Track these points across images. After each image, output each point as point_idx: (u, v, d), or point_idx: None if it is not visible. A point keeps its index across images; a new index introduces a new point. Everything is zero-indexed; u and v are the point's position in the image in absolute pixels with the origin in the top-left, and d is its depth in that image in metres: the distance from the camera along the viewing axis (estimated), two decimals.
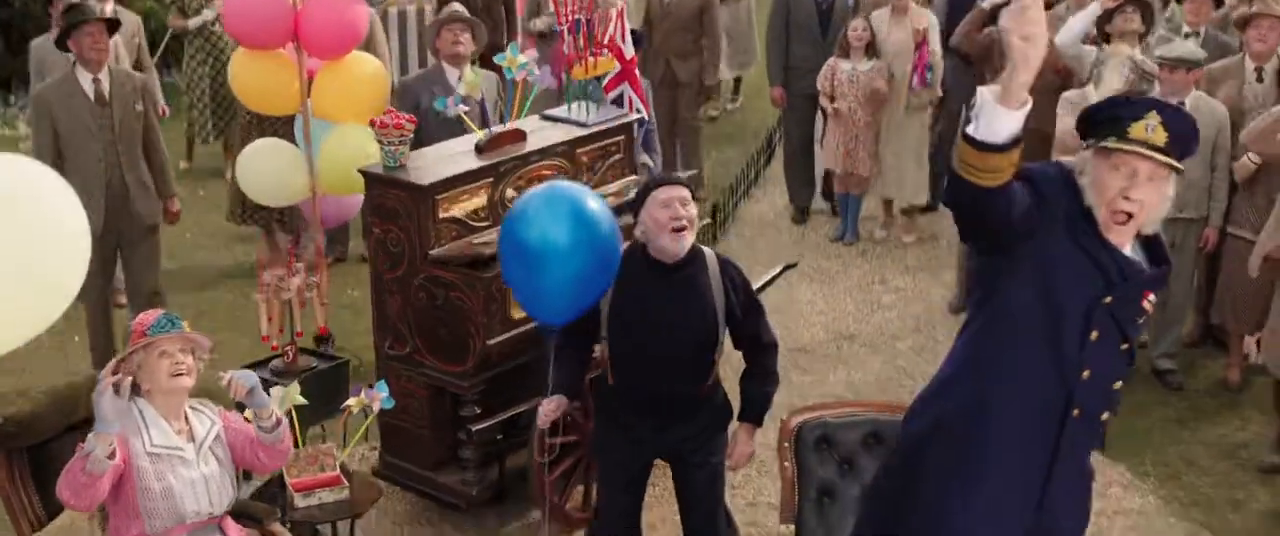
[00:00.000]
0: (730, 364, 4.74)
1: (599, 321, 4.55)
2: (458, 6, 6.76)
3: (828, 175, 9.04)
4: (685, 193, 4.45)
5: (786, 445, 4.38)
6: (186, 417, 4.14)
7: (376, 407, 4.78)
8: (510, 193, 5.40)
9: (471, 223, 5.28)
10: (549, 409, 4.55)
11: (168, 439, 4.06)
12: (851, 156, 8.56)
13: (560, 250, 4.23)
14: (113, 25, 6.29)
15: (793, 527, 4.34)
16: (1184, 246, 6.64)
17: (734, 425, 4.64)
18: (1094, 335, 3.47)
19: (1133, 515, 5.80)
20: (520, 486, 5.48)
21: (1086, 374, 3.50)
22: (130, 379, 4.00)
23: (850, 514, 4.30)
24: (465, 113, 5.35)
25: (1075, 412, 3.54)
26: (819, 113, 8.79)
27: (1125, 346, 3.57)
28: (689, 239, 4.43)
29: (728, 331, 4.59)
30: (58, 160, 6.08)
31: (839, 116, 8.44)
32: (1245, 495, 5.93)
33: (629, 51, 6.21)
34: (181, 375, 4.07)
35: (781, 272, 6.80)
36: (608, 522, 4.74)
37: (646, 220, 4.44)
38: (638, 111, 6.19)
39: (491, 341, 5.13)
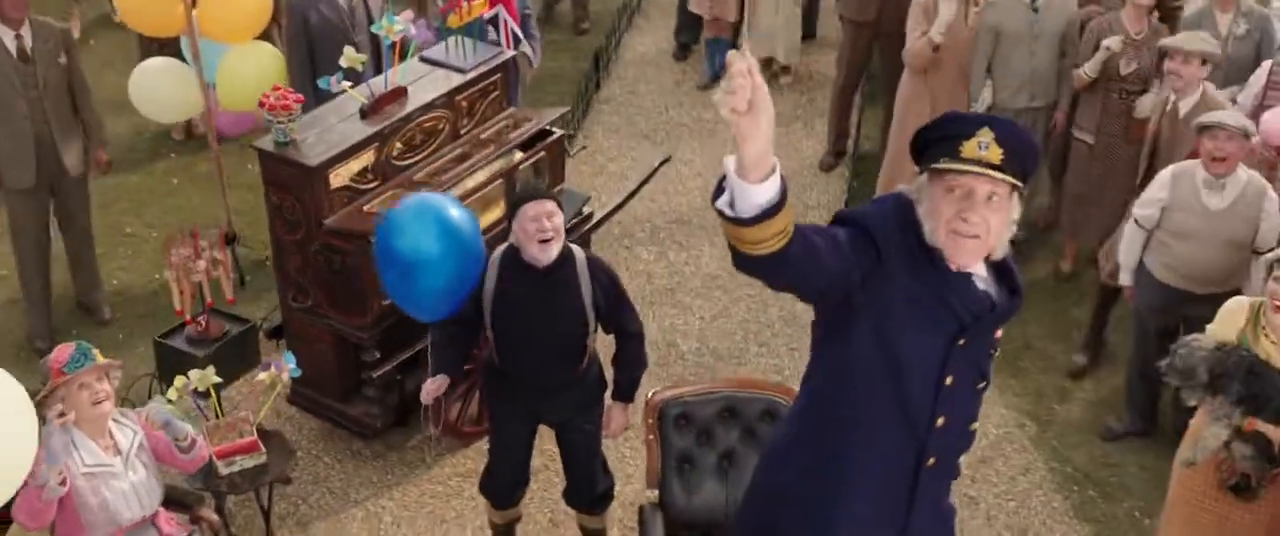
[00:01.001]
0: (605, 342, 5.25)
1: (480, 311, 5.02)
2: None
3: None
4: (551, 206, 4.84)
5: (651, 421, 4.97)
6: (111, 433, 4.60)
7: (285, 378, 5.27)
8: (397, 148, 5.75)
9: (361, 186, 5.64)
10: (431, 388, 5.06)
11: (97, 458, 4.53)
12: (719, 1, 8.83)
13: (430, 259, 4.66)
14: None
15: (657, 491, 4.98)
16: (1035, 131, 7.16)
17: (609, 401, 5.20)
18: (949, 381, 3.33)
19: None
20: (419, 406, 6.05)
21: (941, 421, 3.38)
22: (72, 415, 4.43)
23: (707, 478, 4.95)
24: (349, 87, 5.61)
25: (930, 462, 3.43)
26: None
27: (982, 385, 3.46)
28: (555, 248, 4.86)
29: (597, 322, 5.08)
30: None
31: None
32: (1072, 384, 6.67)
33: None
34: (101, 401, 4.51)
35: (657, 169, 7.20)
36: (499, 475, 5.35)
37: (517, 231, 4.86)
38: (513, 33, 6.46)
39: (386, 300, 5.59)
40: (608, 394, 5.21)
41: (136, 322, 7.00)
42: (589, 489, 5.32)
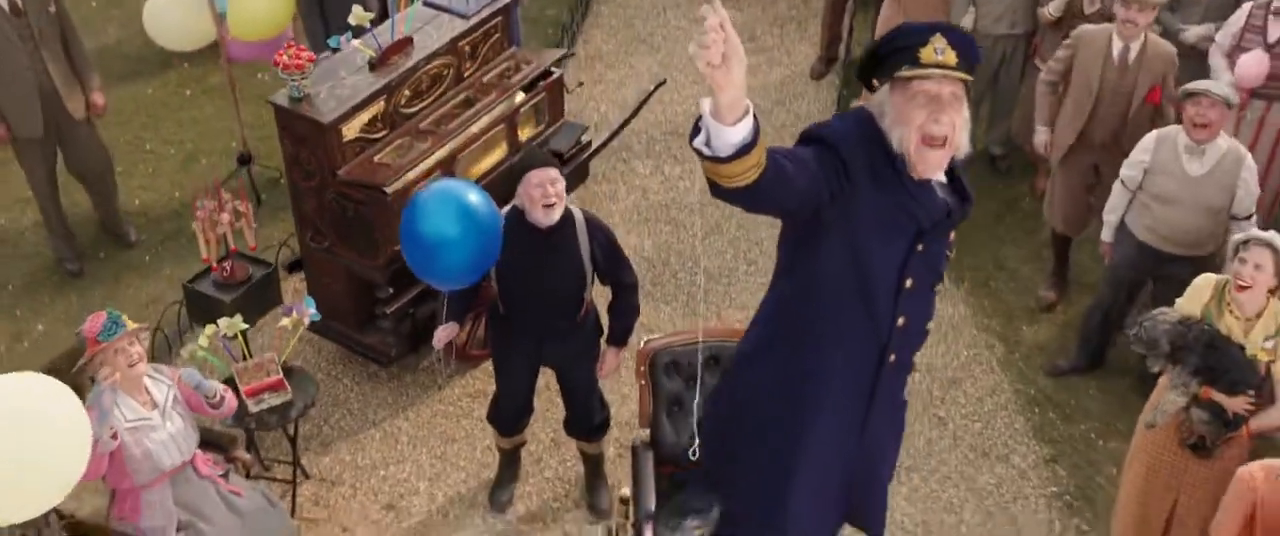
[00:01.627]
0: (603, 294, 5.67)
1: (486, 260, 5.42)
2: None
3: None
4: (554, 173, 5.21)
5: (643, 368, 5.41)
6: (147, 389, 5.05)
7: (306, 321, 5.70)
8: (404, 96, 6.08)
9: (371, 136, 5.98)
10: (443, 334, 5.54)
11: (137, 413, 4.98)
12: None
13: (450, 241, 5.05)
14: None
15: (649, 431, 5.45)
16: (1014, 56, 7.48)
17: (603, 345, 5.64)
18: (908, 284, 3.63)
19: (944, 326, 6.96)
20: (430, 332, 6.50)
21: (901, 321, 3.69)
22: (118, 375, 4.88)
23: (693, 418, 5.42)
24: (359, 44, 5.90)
25: (891, 359, 3.78)
26: None
27: (937, 286, 3.76)
28: (557, 212, 5.24)
29: (595, 276, 5.49)
30: None
31: None
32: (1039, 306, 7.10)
33: None
34: (135, 363, 4.94)
35: (651, 94, 7.50)
36: (504, 408, 5.82)
37: (522, 195, 5.23)
38: None
39: (397, 242, 5.98)
40: (603, 338, 5.65)
41: (162, 244, 7.41)
42: (587, 420, 5.81)
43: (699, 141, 3.08)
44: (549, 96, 6.54)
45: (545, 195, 5.18)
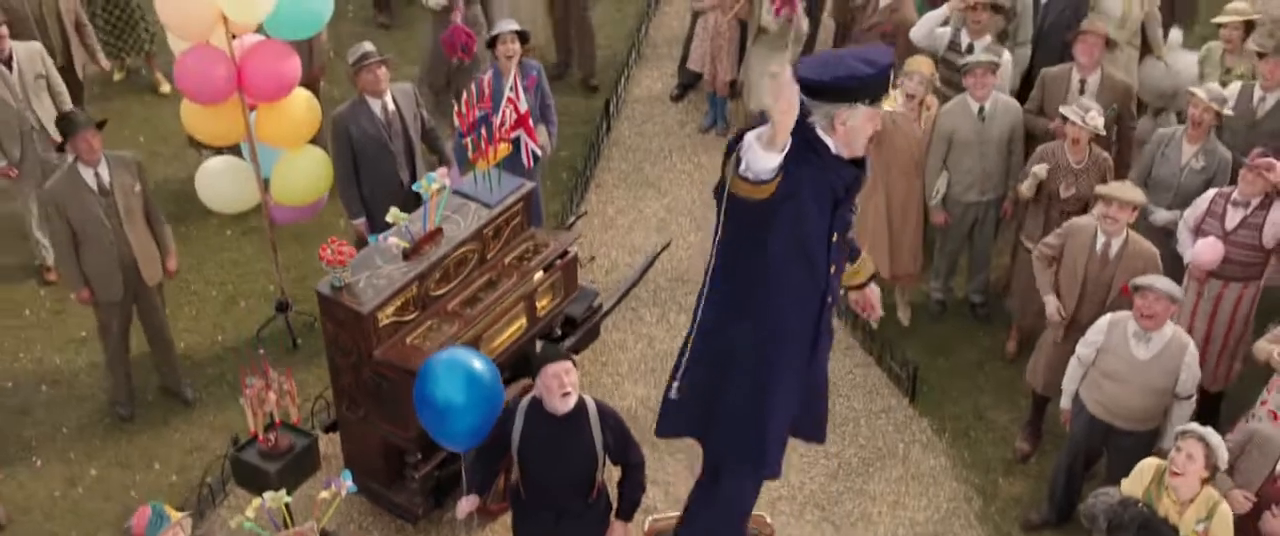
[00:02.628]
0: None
1: (508, 442, 6.04)
2: (368, 45, 7.67)
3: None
4: (568, 366, 5.85)
5: None
6: None
7: (343, 494, 6.31)
8: (434, 278, 6.72)
9: (403, 319, 6.61)
10: (465, 506, 6.13)
11: None
12: (717, 62, 9.66)
13: (457, 406, 5.71)
14: (101, 125, 7.17)
15: None
16: (986, 218, 8.12)
17: (613, 518, 6.24)
18: (835, 238, 4.81)
19: (925, 478, 7.56)
20: (455, 486, 7.12)
21: (832, 268, 4.91)
22: None
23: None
24: (396, 239, 6.54)
25: (828, 300, 5.01)
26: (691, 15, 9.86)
27: (851, 234, 5.04)
28: (572, 401, 5.87)
29: (606, 458, 6.10)
30: (74, 244, 7.20)
31: (705, 22, 9.53)
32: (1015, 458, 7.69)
33: (523, 105, 7.31)
34: None
35: (656, 257, 8.13)
36: None
37: (541, 386, 5.86)
38: (531, 153, 7.38)
39: None
40: (612, 513, 6.25)
41: (205, 389, 8.04)
42: None
43: (743, 169, 4.27)
44: (564, 273, 7.18)
45: (561, 385, 5.82)
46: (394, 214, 6.54)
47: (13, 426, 7.78)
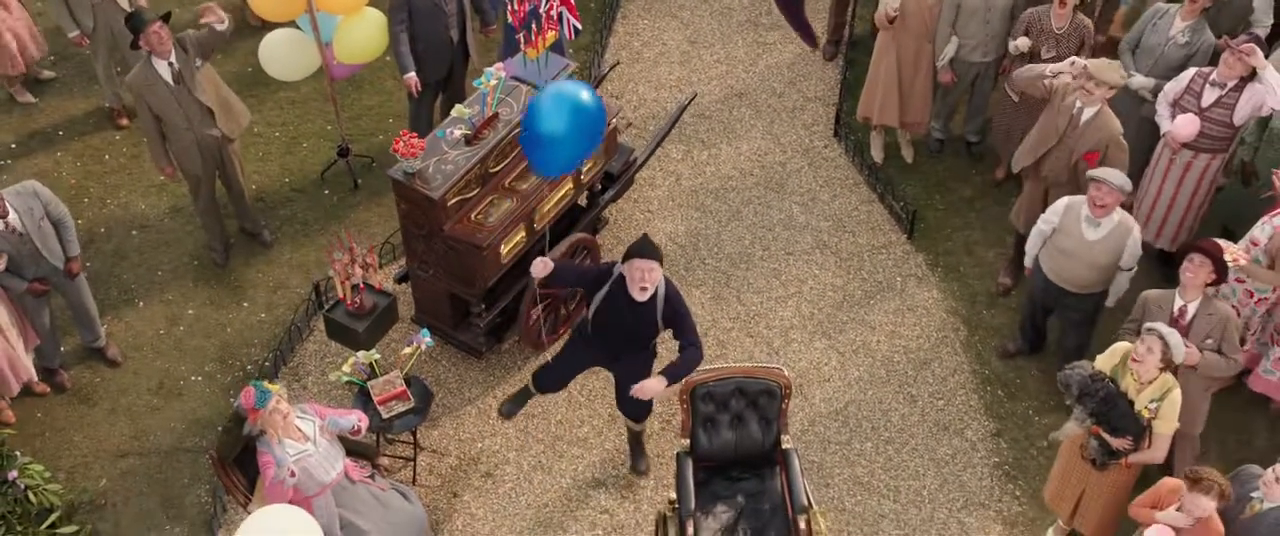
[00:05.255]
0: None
1: (595, 288, 6.99)
2: None
3: None
4: (654, 265, 6.76)
5: (685, 396, 7.15)
6: (298, 428, 6.70)
7: (423, 348, 7.39)
8: (493, 157, 7.60)
9: (467, 196, 7.53)
10: (539, 266, 6.87)
11: (297, 448, 6.61)
12: None
13: (559, 137, 6.32)
14: (167, 18, 7.82)
15: (688, 441, 7.21)
16: (986, 73, 8.91)
17: (656, 373, 7.26)
18: None
19: (918, 310, 8.64)
20: (513, 323, 8.20)
21: None
22: (280, 431, 6.56)
23: (724, 430, 7.18)
24: (460, 132, 7.38)
25: None
26: None
27: None
28: (647, 295, 6.83)
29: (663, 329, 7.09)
30: (159, 127, 7.96)
31: None
32: (997, 291, 8.75)
33: None
34: (287, 414, 6.59)
35: (684, 108, 8.93)
36: (549, 376, 7.50)
37: (627, 272, 6.80)
38: (574, 28, 8.11)
39: (490, 277, 7.63)
40: (659, 368, 7.26)
41: (279, 229, 9.01)
42: (632, 409, 7.50)
43: None
44: (605, 144, 8.04)
45: (642, 280, 6.79)
46: (458, 110, 7.36)
47: (113, 270, 8.78)
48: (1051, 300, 7.80)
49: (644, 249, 6.85)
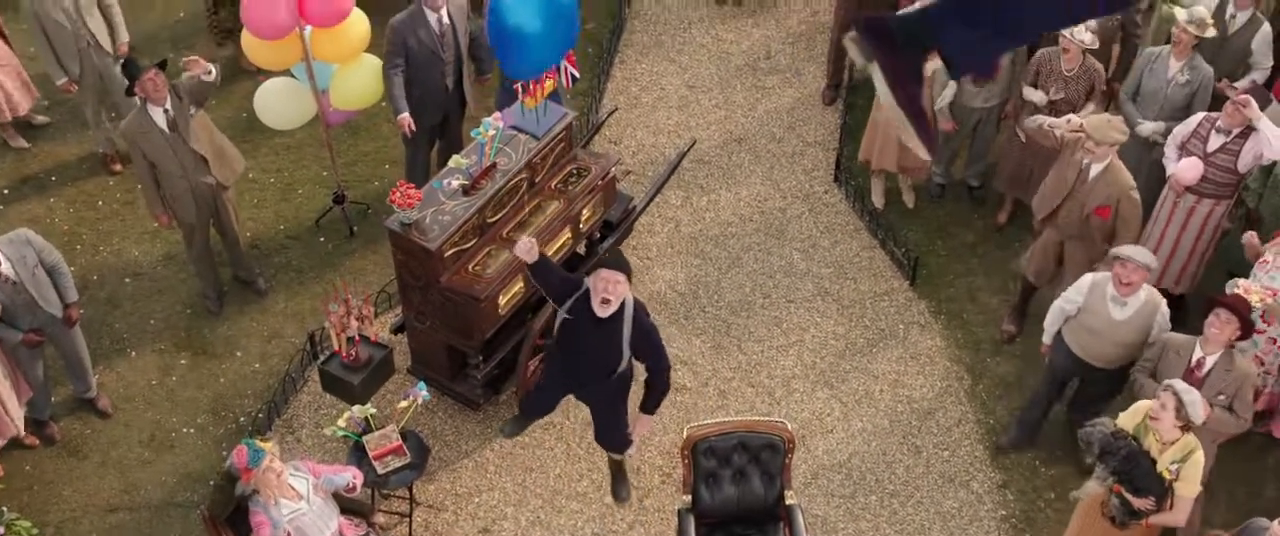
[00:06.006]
0: None
1: (564, 297, 6.63)
2: None
3: None
4: (619, 277, 6.41)
5: (686, 450, 7.03)
6: (291, 486, 6.57)
7: (419, 402, 7.26)
8: (490, 207, 7.49)
9: (464, 247, 7.42)
10: (525, 245, 6.48)
11: (291, 507, 6.49)
12: None
13: (528, 35, 6.32)
14: (163, 65, 7.73)
15: (690, 497, 7.08)
16: (989, 119, 8.83)
17: (637, 412, 7.02)
18: None
19: (921, 359, 8.53)
20: (510, 374, 8.07)
21: None
22: (274, 491, 6.43)
23: (726, 486, 7.05)
24: (457, 183, 7.28)
25: None
26: None
27: None
28: (609, 309, 6.47)
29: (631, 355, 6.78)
30: (153, 174, 7.86)
31: None
32: (1001, 339, 8.64)
33: None
34: (280, 473, 6.43)
35: (683, 156, 8.84)
36: (533, 403, 7.25)
37: (592, 283, 6.49)
38: (572, 76, 8.01)
39: (488, 329, 7.51)
40: (638, 406, 6.99)
41: (274, 277, 8.89)
42: (612, 441, 7.27)
43: None
44: (604, 191, 7.95)
45: (604, 291, 6.44)
46: (455, 160, 7.26)
47: (106, 319, 8.66)
48: (1074, 373, 7.56)
49: (610, 261, 6.47)
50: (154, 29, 10.58)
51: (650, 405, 7.00)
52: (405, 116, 8.42)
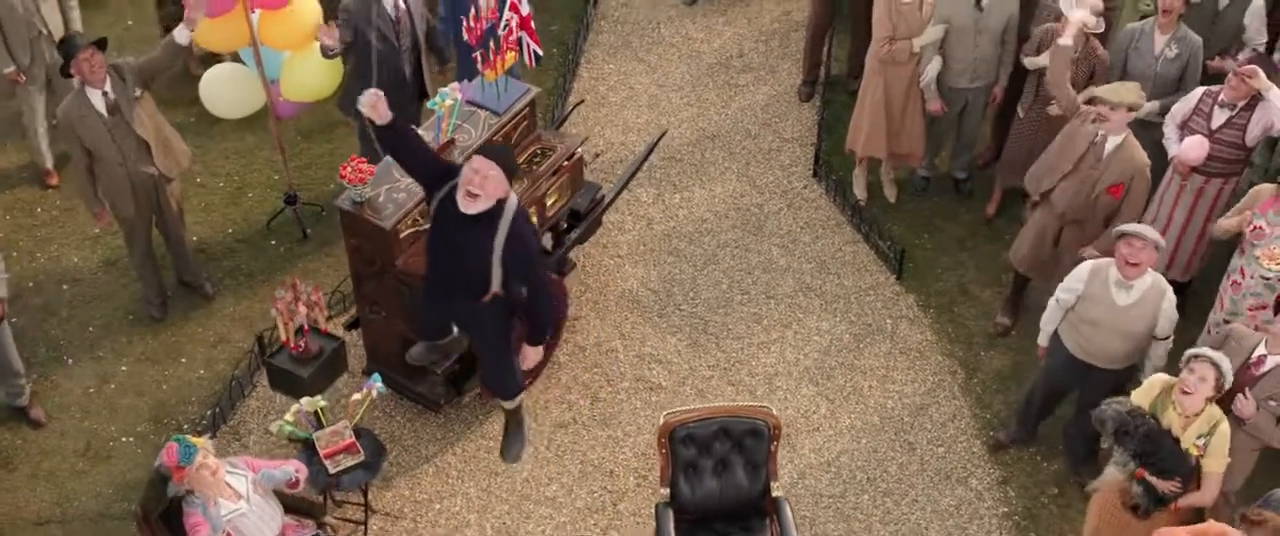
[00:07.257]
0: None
1: (432, 179, 5.94)
2: None
3: None
4: (492, 168, 5.61)
5: (664, 439, 6.49)
6: (229, 484, 5.97)
7: (374, 395, 6.71)
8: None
9: (421, 228, 6.91)
10: (370, 98, 5.68)
11: (229, 507, 5.88)
12: None
13: None
14: (102, 44, 7.24)
15: (668, 490, 6.54)
16: (975, 103, 8.41)
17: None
18: None
19: (911, 353, 8.04)
20: (471, 373, 7.52)
21: None
22: (209, 490, 5.84)
23: (707, 478, 6.51)
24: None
25: None
26: None
27: None
28: (476, 206, 5.70)
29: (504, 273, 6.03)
30: (89, 165, 7.35)
31: None
32: (995, 331, 8.17)
33: (525, 8, 7.45)
34: (215, 471, 5.84)
35: (653, 147, 8.37)
36: (421, 324, 6.74)
37: (461, 175, 5.74)
38: (534, 53, 7.56)
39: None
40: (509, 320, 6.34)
41: (222, 281, 8.34)
42: (496, 383, 6.71)
43: None
44: (571, 175, 7.47)
45: (470, 183, 5.64)
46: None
47: (40, 326, 8.08)
48: (1073, 380, 7.00)
49: (489, 151, 5.71)
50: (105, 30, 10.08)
51: (531, 335, 6.30)
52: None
